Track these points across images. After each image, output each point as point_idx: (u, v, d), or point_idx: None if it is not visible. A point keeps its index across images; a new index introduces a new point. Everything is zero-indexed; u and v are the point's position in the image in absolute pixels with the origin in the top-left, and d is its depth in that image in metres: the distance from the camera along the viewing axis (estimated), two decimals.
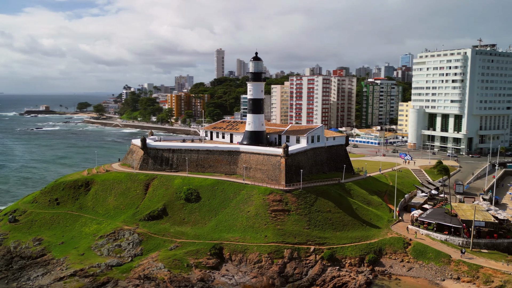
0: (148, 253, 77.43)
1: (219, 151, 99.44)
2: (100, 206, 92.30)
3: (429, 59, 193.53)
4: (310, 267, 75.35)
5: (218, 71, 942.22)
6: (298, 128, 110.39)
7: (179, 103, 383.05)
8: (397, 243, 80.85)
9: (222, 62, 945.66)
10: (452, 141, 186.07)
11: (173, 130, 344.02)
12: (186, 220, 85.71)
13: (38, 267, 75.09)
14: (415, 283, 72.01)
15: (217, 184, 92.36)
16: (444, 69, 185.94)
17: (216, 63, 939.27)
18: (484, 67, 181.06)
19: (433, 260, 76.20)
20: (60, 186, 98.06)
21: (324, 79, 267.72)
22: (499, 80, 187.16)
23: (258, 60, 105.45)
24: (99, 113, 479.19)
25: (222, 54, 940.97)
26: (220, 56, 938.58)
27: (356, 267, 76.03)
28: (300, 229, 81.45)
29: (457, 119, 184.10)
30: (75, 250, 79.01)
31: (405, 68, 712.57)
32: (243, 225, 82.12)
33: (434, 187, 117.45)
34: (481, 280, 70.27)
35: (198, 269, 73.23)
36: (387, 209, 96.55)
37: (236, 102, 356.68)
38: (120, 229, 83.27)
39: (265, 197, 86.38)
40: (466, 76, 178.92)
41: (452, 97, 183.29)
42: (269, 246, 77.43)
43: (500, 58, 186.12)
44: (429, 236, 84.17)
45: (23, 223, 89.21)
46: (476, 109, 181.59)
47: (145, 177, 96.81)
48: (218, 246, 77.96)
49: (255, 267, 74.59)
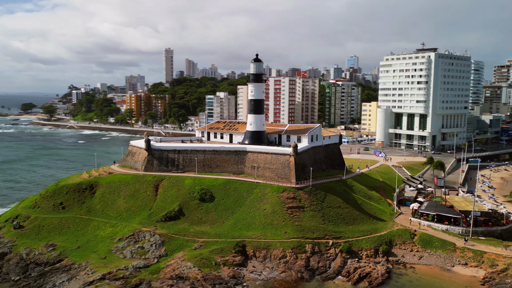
0: (173, 254, 77.64)
1: (225, 151, 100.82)
2: (109, 208, 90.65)
3: (395, 61, 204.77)
4: (332, 260, 79.15)
5: (167, 71, 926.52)
6: (296, 128, 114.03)
7: (139, 104, 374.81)
8: (404, 234, 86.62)
9: (171, 62, 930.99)
10: (418, 138, 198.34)
11: (134, 132, 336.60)
12: (204, 219, 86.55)
13: (60, 273, 73.02)
14: (429, 270, 77.86)
15: (228, 183, 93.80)
16: (410, 71, 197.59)
17: (165, 63, 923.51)
18: (446, 70, 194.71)
19: (440, 248, 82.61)
20: (63, 189, 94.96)
21: (290, 80, 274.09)
22: (458, 82, 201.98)
23: (258, 62, 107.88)
24: (49, 114, 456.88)
25: (170, 54, 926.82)
26: (168, 56, 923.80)
27: (373, 258, 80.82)
28: (317, 224, 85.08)
29: (422, 118, 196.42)
30: (95, 254, 77.50)
31: (352, 69, 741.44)
32: (262, 222, 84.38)
33: (418, 182, 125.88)
34: (487, 264, 77.39)
35: (226, 267, 74.64)
36: (387, 203, 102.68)
37: (199, 102, 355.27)
38: (139, 231, 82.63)
39: (279, 195, 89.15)
40: (430, 78, 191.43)
41: (418, 97, 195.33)
42: (291, 241, 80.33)
43: (458, 62, 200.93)
44: (430, 226, 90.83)
45: (30, 229, 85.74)
46: (439, 108, 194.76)
47: (153, 178, 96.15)
48: (241, 244, 79.68)
49: (280, 262, 77.18)
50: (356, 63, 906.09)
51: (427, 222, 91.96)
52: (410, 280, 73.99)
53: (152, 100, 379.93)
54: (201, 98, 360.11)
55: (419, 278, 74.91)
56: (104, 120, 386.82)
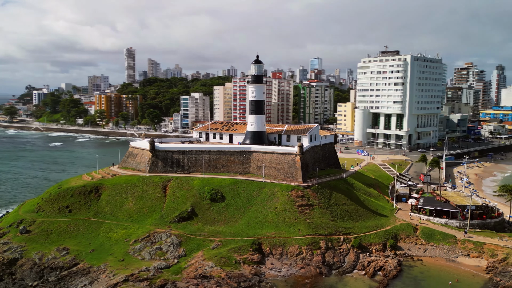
0: (191, 254, 78.14)
1: (230, 152, 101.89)
2: (118, 210, 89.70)
3: (372, 63, 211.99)
4: (345, 255, 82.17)
5: (129, 71, 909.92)
6: (295, 128, 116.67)
7: (109, 105, 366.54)
8: (407, 229, 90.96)
9: (133, 61, 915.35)
10: (395, 138, 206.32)
11: (105, 133, 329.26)
12: (217, 219, 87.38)
13: (79, 276, 71.94)
14: (436, 262, 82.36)
15: (236, 183, 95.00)
16: (387, 73, 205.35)
17: (127, 63, 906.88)
18: (420, 72, 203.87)
19: (442, 241, 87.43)
20: (68, 192, 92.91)
21: (267, 81, 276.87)
22: (431, 83, 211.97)
23: (259, 63, 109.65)
24: (11, 116, 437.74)
25: (133, 53, 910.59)
26: (130, 56, 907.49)
27: (382, 252, 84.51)
28: (327, 221, 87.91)
29: (399, 118, 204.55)
30: (111, 257, 76.75)
31: (317, 71, 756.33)
32: (275, 220, 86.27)
33: (407, 179, 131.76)
34: (487, 254, 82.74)
35: (246, 265, 75.96)
36: (385, 200, 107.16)
37: (172, 103, 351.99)
38: (154, 232, 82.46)
39: (288, 194, 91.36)
40: (406, 80, 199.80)
41: (395, 98, 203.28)
42: (306, 238, 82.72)
43: (431, 64, 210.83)
44: (430, 221, 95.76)
45: (38, 234, 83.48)
46: (415, 109, 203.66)
47: (160, 179, 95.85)
48: (257, 242, 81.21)
49: (297, 259, 79.35)
50: (320, 65, 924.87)
51: (426, 217, 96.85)
52: (421, 272, 78.10)
53: (123, 101, 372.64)
54: (174, 98, 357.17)
55: (428, 269, 79.16)
56: (71, 121, 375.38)
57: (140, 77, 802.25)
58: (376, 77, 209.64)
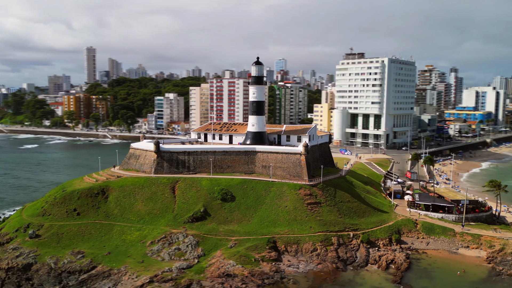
0: (210, 253, 78.90)
1: (235, 152, 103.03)
2: (128, 212, 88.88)
3: (350, 65, 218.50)
4: (356, 250, 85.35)
5: (89, 70, 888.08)
6: (294, 128, 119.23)
7: (78, 106, 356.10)
8: (408, 224, 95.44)
9: (93, 61, 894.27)
10: (373, 137, 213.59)
11: (76, 135, 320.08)
12: (230, 219, 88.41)
13: (100, 279, 71.17)
14: (439, 254, 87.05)
15: (244, 183, 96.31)
16: (365, 74, 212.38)
17: (87, 62, 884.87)
18: (397, 74, 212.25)
19: (442, 234, 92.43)
20: (74, 195, 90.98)
21: (245, 82, 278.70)
22: (405, 85, 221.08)
23: (259, 65, 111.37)
24: None
25: (93, 53, 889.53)
26: (90, 55, 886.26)
27: (389, 246, 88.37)
28: (335, 218, 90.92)
29: (376, 118, 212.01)
30: (130, 259, 76.28)
31: (283, 72, 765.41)
32: (286, 218, 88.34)
33: (396, 176, 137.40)
34: (485, 245, 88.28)
35: (265, 262, 77.62)
36: (382, 197, 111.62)
37: (144, 103, 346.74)
38: (170, 233, 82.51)
39: (297, 192, 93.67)
40: (384, 81, 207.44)
41: (373, 99, 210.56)
42: (318, 235, 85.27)
43: (406, 66, 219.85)
44: (427, 215, 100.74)
45: (48, 238, 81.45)
46: (392, 109, 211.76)
47: (167, 180, 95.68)
48: (272, 240, 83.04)
49: (313, 255, 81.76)
50: (285, 66, 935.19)
51: (424, 212, 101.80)
52: (429, 264, 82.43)
53: (93, 102, 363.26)
54: (146, 99, 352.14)
55: (434, 261, 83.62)
56: (38, 123, 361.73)
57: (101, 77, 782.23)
58: (355, 78, 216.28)
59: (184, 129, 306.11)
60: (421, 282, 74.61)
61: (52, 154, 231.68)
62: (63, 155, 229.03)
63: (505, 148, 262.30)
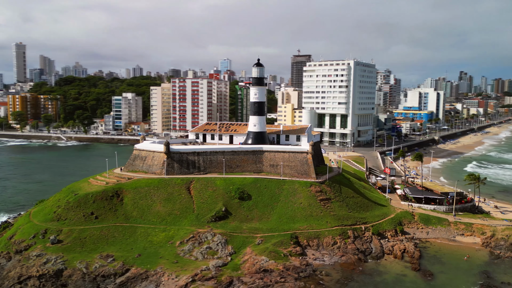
0: (240, 250, 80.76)
1: (243, 151, 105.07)
2: (148, 214, 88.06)
3: (317, 67, 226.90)
4: (370, 242, 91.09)
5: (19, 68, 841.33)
6: (290, 128, 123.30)
7: (25, 106, 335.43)
8: (407, 216, 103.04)
9: (23, 58, 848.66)
10: (339, 136, 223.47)
11: (26, 137, 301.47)
12: (250, 217, 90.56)
13: (139, 281, 70.76)
14: (440, 242, 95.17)
15: (257, 181, 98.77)
16: (332, 76, 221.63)
17: (16, 59, 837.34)
18: (361, 76, 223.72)
19: (438, 224, 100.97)
20: (89, 199, 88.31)
21: (208, 82, 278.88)
22: (368, 86, 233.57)
23: (260, 66, 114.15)
24: None
25: (23, 49, 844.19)
26: (20, 52, 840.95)
27: (396, 237, 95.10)
28: (346, 213, 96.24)
29: (343, 118, 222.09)
30: (163, 260, 76.22)
31: (230, 72, 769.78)
32: (303, 215, 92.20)
33: (379, 172, 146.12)
34: (478, 232, 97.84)
35: (293, 257, 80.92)
36: (376, 191, 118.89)
37: (98, 103, 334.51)
38: (197, 233, 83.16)
39: (308, 189, 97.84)
40: (350, 83, 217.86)
41: (339, 99, 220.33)
42: (335, 229, 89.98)
43: (368, 69, 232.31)
44: (421, 207, 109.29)
45: (71, 243, 78.78)
46: (357, 109, 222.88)
47: (181, 181, 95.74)
48: (294, 235, 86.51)
49: (334, 248, 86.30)
50: (229, 65, 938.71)
51: (417, 204, 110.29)
52: (436, 251, 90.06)
53: (41, 102, 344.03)
54: (100, 99, 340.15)
55: (439, 249, 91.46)
56: None
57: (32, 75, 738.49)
58: (322, 80, 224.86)
59: (144, 129, 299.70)
60: (436, 267, 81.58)
61: (6, 157, 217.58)
62: (24, 158, 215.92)
63: (451, 145, 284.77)
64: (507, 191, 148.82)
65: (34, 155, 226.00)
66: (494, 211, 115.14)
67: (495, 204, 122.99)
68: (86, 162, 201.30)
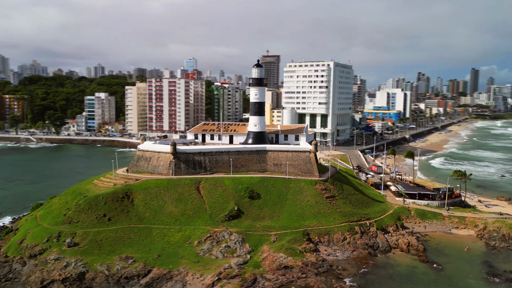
0: (257, 248, 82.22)
1: (248, 151, 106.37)
2: (161, 215, 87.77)
3: (298, 68, 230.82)
4: (375, 236, 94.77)
5: None
6: (288, 127, 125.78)
7: None
8: (404, 211, 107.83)
9: None
10: (320, 135, 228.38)
11: None
12: (261, 215, 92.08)
13: (165, 281, 70.89)
14: (439, 235, 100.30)
15: (264, 180, 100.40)
16: (312, 77, 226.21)
17: None
18: (340, 77, 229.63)
19: (433, 218, 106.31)
20: (100, 201, 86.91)
21: (186, 82, 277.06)
22: (346, 87, 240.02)
23: (260, 67, 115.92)
24: None
25: None
26: None
27: (397, 231, 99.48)
28: (350, 209, 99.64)
29: (323, 117, 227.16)
30: (183, 259, 76.55)
31: (197, 71, 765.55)
32: (312, 212, 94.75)
33: (367, 169, 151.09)
34: (471, 225, 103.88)
35: (308, 253, 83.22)
36: (371, 188, 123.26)
37: (68, 104, 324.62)
38: (214, 232, 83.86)
39: (314, 187, 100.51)
40: (330, 83, 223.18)
41: (320, 100, 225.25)
42: (344, 226, 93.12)
43: (346, 70, 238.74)
44: (415, 203, 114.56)
45: (88, 245, 77.48)
46: (336, 109, 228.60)
47: (190, 181, 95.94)
48: (306, 232, 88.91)
49: (344, 244, 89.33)
50: (195, 65, 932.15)
51: (411, 200, 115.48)
52: (436, 244, 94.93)
53: (6, 102, 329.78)
54: (70, 99, 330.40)
55: (439, 241, 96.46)
56: None
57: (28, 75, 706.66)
58: (302, 80, 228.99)
59: (119, 130, 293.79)
60: (441, 259, 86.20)
61: None
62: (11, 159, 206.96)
63: (421, 143, 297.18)
64: (482, 186, 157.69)
65: (8, 157, 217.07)
66: (479, 205, 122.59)
67: (479, 198, 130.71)
68: (67, 164, 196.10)
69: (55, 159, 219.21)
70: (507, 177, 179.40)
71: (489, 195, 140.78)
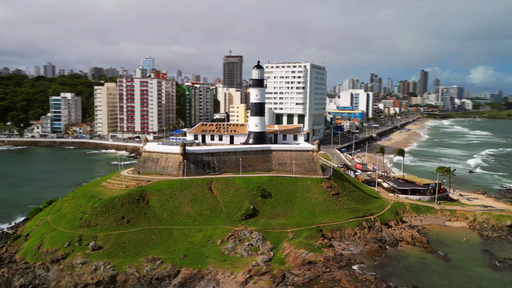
0: (278, 245, 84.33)
1: (253, 151, 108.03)
2: (179, 215, 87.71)
3: (275, 69, 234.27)
4: (381, 231, 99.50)
5: None
6: (286, 128, 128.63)
7: None
8: (400, 206, 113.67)
9: None
10: None
11: None
12: (275, 213, 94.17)
13: (197, 281, 71.52)
14: (435, 227, 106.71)
15: (272, 180, 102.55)
16: (290, 78, 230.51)
17: None
18: (315, 78, 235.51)
19: (427, 212, 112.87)
20: (116, 203, 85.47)
21: (158, 82, 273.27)
22: (321, 87, 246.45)
23: (260, 68, 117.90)
24: None
25: None
26: None
27: (398, 225, 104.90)
28: (355, 205, 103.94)
29: (300, 117, 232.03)
30: (210, 259, 77.35)
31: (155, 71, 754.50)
32: (321, 209, 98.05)
33: (352, 166, 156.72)
34: (462, 218, 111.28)
35: (325, 249, 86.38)
36: (365, 185, 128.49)
37: (29, 104, 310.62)
38: (234, 231, 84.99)
39: (320, 185, 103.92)
40: (306, 84, 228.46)
41: (297, 100, 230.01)
42: (352, 221, 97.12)
43: (320, 71, 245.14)
44: (407, 198, 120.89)
45: (112, 248, 76.30)
46: (313, 109, 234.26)
47: (202, 181, 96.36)
48: (319, 229, 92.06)
49: (355, 238, 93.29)
50: (152, 64, 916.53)
51: (404, 195, 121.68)
52: (436, 235, 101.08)
53: None
54: (31, 99, 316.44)
55: (438, 233, 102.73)
56: None
57: None
58: (279, 81, 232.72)
59: (87, 131, 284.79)
60: (444, 249, 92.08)
61: None
62: None
63: (387, 141, 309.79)
64: (456, 182, 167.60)
65: None
66: (461, 199, 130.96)
67: (460, 192, 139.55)
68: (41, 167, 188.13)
69: (26, 162, 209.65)
70: (476, 172, 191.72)
71: (465, 190, 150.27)
